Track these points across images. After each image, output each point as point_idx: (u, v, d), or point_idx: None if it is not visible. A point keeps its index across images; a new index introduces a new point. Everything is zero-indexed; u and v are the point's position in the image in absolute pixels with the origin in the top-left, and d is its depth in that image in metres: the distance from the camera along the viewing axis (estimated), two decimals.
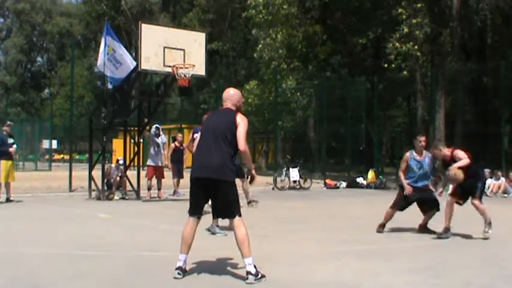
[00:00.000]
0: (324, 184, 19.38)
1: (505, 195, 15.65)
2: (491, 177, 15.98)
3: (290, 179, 18.15)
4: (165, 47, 12.28)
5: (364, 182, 19.37)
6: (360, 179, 19.60)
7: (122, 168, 14.11)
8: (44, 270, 5.52)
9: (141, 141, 14.75)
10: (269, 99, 26.08)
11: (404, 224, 8.32)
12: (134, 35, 40.92)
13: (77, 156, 39.82)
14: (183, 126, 28.54)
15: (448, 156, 7.73)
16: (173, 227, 7.63)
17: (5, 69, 68.83)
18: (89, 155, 14.76)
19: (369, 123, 23.38)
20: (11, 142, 12.43)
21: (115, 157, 23.93)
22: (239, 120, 5.17)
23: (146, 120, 14.19)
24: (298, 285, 5.01)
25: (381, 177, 19.55)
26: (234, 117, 5.18)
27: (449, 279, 5.26)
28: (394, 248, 7.01)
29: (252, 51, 29.60)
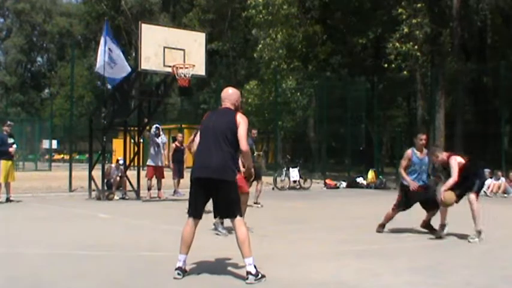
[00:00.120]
0: (324, 184, 19.40)
1: (505, 195, 15.66)
2: (491, 177, 15.99)
3: (290, 179, 18.16)
4: (165, 47, 12.28)
5: (364, 182, 19.39)
6: (360, 179, 19.62)
7: (122, 168, 14.12)
8: (44, 270, 5.52)
9: (141, 141, 14.75)
10: (269, 99, 26.10)
11: (404, 224, 8.32)
12: (134, 35, 40.93)
13: (77, 156, 39.83)
14: (183, 126, 28.57)
15: (446, 162, 7.73)
16: (173, 227, 7.62)
17: (5, 69, 68.84)
18: (89, 155, 14.77)
19: (369, 123, 23.39)
20: (11, 142, 12.42)
21: (115, 157, 23.94)
22: (239, 119, 5.16)
23: (146, 120, 14.20)
24: (298, 285, 5.01)
25: (380, 177, 19.56)
26: (234, 116, 5.17)
27: (449, 279, 5.26)
28: (394, 248, 7.01)
29: (252, 51, 29.61)
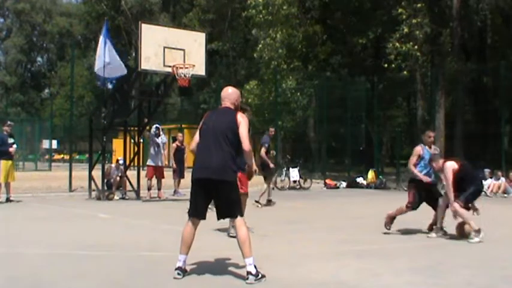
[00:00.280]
0: (324, 184, 19.40)
1: (505, 195, 15.65)
2: (491, 177, 15.99)
3: (290, 179, 18.16)
4: (165, 47, 12.29)
5: (364, 182, 19.39)
6: (360, 179, 19.62)
7: (122, 168, 14.12)
8: (44, 270, 5.52)
9: (141, 141, 14.75)
10: (269, 99, 26.08)
11: (404, 224, 8.32)
12: (134, 35, 40.94)
13: (77, 156, 39.83)
14: (183, 126, 28.58)
15: (442, 169, 7.75)
16: (173, 227, 7.63)
17: (5, 69, 68.87)
18: (89, 155, 14.77)
19: (369, 123, 23.38)
20: (11, 142, 12.43)
21: (115, 157, 23.93)
22: (240, 119, 5.14)
23: (146, 120, 14.20)
24: (298, 285, 5.01)
25: (380, 177, 19.56)
26: (234, 116, 5.16)
27: (450, 279, 5.26)
28: (394, 248, 7.01)
29: (252, 51, 29.59)
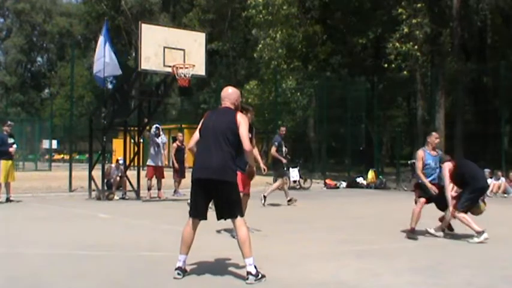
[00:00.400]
0: (324, 184, 19.39)
1: (505, 195, 15.65)
2: (491, 177, 15.98)
3: (290, 179, 18.13)
4: (165, 47, 12.28)
5: (364, 182, 19.38)
6: (360, 179, 19.61)
7: (122, 168, 14.12)
8: (44, 270, 5.52)
9: (141, 141, 14.75)
10: (269, 99, 26.08)
11: (404, 224, 8.31)
12: (134, 35, 40.95)
13: (77, 156, 39.81)
14: (183, 126, 28.58)
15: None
16: (173, 227, 7.62)
17: (5, 69, 68.86)
18: (89, 155, 14.77)
19: (369, 123, 23.37)
20: (11, 142, 12.43)
21: (115, 157, 23.93)
22: (240, 119, 5.13)
23: (146, 120, 14.20)
24: (298, 285, 5.01)
25: (380, 177, 19.56)
26: (234, 116, 5.15)
27: (449, 279, 5.26)
28: (394, 248, 7.01)
29: (252, 51, 29.59)
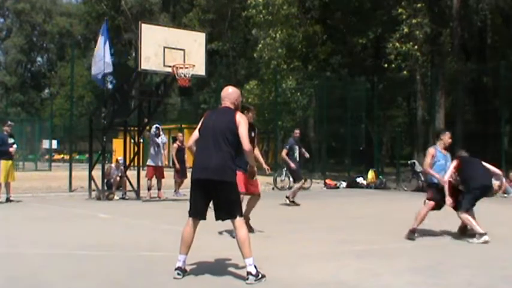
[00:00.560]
0: (324, 184, 19.38)
1: (505, 195, 15.64)
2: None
3: (290, 179, 18.12)
4: (165, 47, 12.28)
5: (364, 182, 19.37)
6: (360, 179, 19.60)
7: (122, 168, 14.12)
8: (44, 270, 5.52)
9: (141, 141, 14.75)
10: (269, 99, 26.07)
11: (404, 224, 8.31)
12: (134, 35, 40.91)
13: (77, 156, 39.80)
14: (183, 126, 28.56)
15: None
16: (173, 227, 7.62)
17: (5, 69, 68.87)
18: (89, 155, 14.76)
19: (369, 123, 23.36)
20: (12, 142, 12.43)
21: (115, 157, 23.92)
22: (239, 119, 5.12)
23: (146, 120, 14.20)
24: (298, 285, 5.01)
25: (380, 177, 19.54)
26: (233, 116, 5.14)
27: (449, 279, 5.26)
28: (394, 248, 7.01)
29: (252, 51, 29.59)
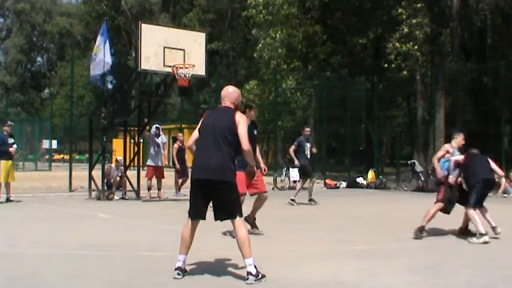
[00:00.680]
0: (324, 184, 19.39)
1: (505, 195, 15.64)
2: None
3: (290, 179, 18.13)
4: (165, 47, 12.29)
5: (364, 182, 19.37)
6: (360, 179, 19.61)
7: (122, 168, 14.12)
8: (44, 270, 5.52)
9: (141, 141, 14.75)
10: (269, 99, 26.07)
11: (404, 224, 8.31)
12: (134, 35, 40.95)
13: (77, 156, 39.79)
14: (183, 126, 28.54)
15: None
16: (173, 227, 7.61)
17: (5, 69, 68.88)
18: (89, 155, 14.77)
19: (369, 123, 23.36)
20: (12, 142, 12.44)
21: (115, 157, 23.91)
22: (238, 118, 5.12)
23: (146, 120, 14.20)
24: (298, 285, 5.01)
25: (380, 177, 19.54)
26: (233, 115, 5.13)
27: (449, 279, 5.26)
28: (394, 248, 7.01)
29: (252, 51, 29.60)
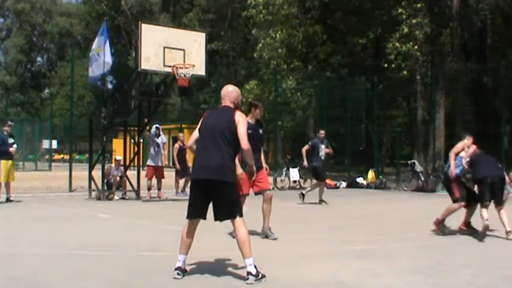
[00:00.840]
0: None
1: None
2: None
3: (290, 179, 18.14)
4: (165, 47, 12.29)
5: (364, 182, 19.37)
6: (360, 179, 19.60)
7: (122, 168, 14.12)
8: (44, 270, 5.52)
9: (141, 141, 14.75)
10: (269, 99, 26.07)
11: (404, 224, 8.32)
12: (134, 35, 40.95)
13: (77, 156, 39.83)
14: (183, 126, 28.54)
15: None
16: (173, 227, 7.61)
17: (5, 69, 68.90)
18: (89, 155, 14.77)
19: (369, 123, 23.36)
20: (12, 142, 12.43)
21: (115, 157, 23.90)
22: (238, 118, 5.10)
23: (146, 120, 14.20)
24: (298, 285, 5.01)
25: (380, 177, 19.54)
26: (232, 115, 5.12)
27: (450, 279, 5.25)
28: (394, 248, 7.00)
29: (252, 51, 29.58)
